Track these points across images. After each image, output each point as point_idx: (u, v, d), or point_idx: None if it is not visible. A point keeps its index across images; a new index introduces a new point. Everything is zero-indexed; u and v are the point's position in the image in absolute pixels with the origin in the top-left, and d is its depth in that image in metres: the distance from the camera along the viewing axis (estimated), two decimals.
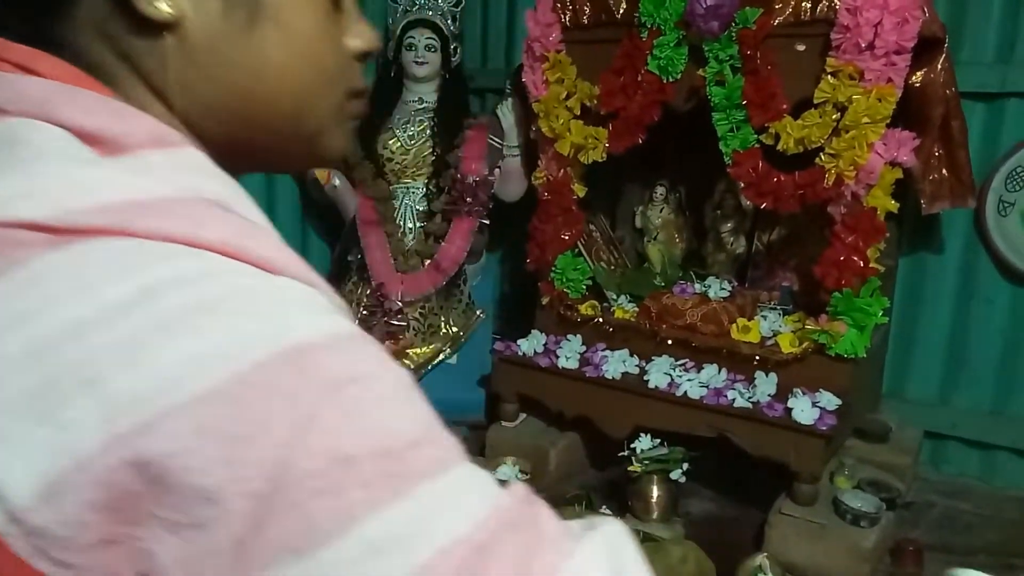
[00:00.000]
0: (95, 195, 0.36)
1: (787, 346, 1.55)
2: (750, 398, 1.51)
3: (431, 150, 2.01)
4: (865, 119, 1.40)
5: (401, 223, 2.03)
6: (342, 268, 2.05)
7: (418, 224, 2.04)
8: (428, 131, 2.01)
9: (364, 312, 1.95)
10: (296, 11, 0.44)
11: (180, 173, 0.40)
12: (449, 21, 2.03)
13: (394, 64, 2.04)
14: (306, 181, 2.11)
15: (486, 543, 0.33)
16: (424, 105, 2.04)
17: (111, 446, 0.32)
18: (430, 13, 2.00)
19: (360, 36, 0.49)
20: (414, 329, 1.99)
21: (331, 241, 2.25)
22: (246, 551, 0.31)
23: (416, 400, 0.36)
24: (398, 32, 2.01)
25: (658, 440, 1.59)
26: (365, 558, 0.32)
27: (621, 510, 1.61)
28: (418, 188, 2.04)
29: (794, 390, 1.49)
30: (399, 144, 2.02)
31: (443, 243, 1.99)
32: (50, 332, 0.33)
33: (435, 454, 0.35)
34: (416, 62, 1.99)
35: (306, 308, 0.36)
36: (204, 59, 0.43)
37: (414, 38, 1.98)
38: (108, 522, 0.32)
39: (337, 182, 2.06)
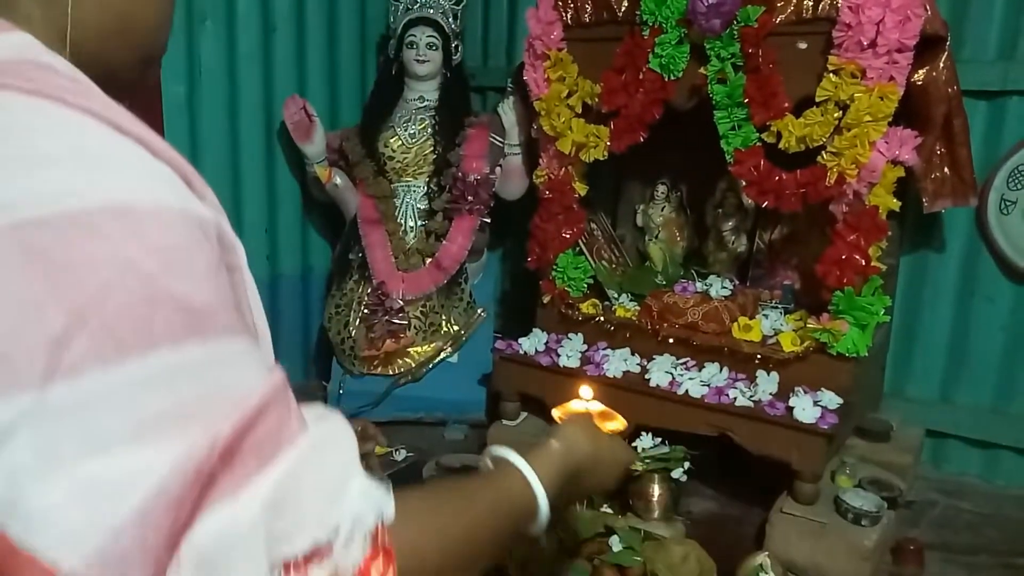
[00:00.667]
0: None
1: (788, 345, 1.55)
2: (751, 397, 1.51)
3: (432, 148, 2.01)
4: (867, 117, 1.40)
5: (402, 221, 2.03)
6: (343, 266, 2.05)
7: (419, 222, 2.04)
8: (429, 129, 2.01)
9: (365, 311, 1.95)
10: None
11: (20, 49, 0.48)
12: (451, 19, 2.02)
13: (395, 62, 2.04)
14: (307, 179, 2.11)
15: (262, 406, 0.44)
16: (425, 103, 2.04)
17: None
18: (431, 11, 2.00)
19: None
20: (415, 327, 1.98)
21: (332, 239, 2.25)
22: (54, 349, 0.38)
23: (221, 281, 0.45)
24: (399, 30, 2.00)
25: (659, 439, 1.59)
26: (162, 379, 0.40)
27: (623, 508, 1.61)
28: (419, 186, 2.04)
29: (795, 389, 1.49)
30: (400, 142, 2.01)
31: (444, 241, 1.99)
32: None
33: (227, 322, 0.44)
34: (417, 60, 1.99)
35: (143, 170, 0.44)
36: None
37: (415, 36, 1.98)
38: None
39: (339, 180, 2.05)
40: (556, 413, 0.95)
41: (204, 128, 1.95)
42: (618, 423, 1.06)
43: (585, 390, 1.01)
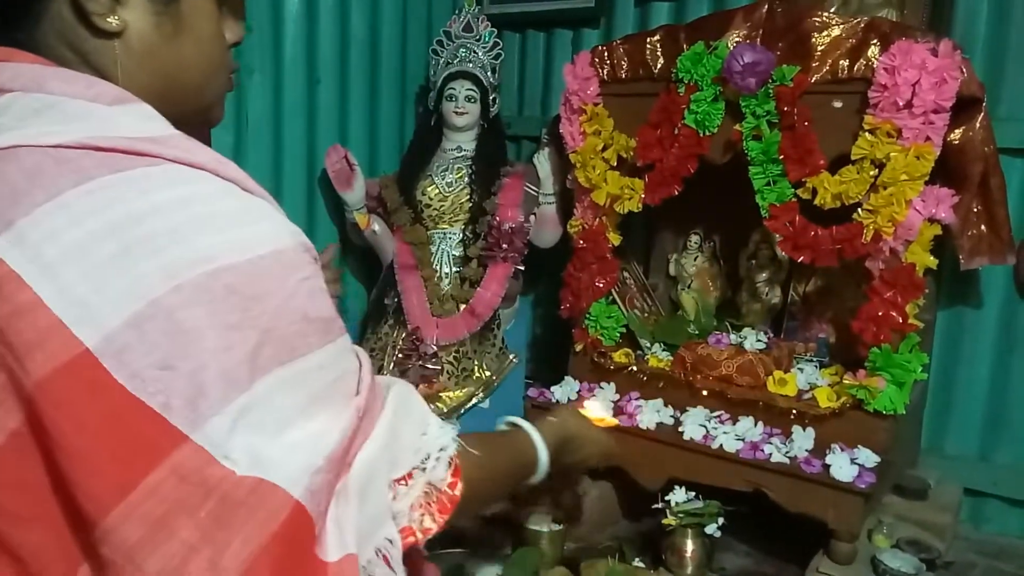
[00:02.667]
0: (122, 129, 0.56)
1: (825, 400, 1.54)
2: (787, 453, 1.50)
3: (468, 197, 2.04)
4: (903, 176, 1.41)
5: (438, 268, 2.06)
6: (379, 311, 2.08)
7: (454, 269, 2.07)
8: (466, 178, 2.05)
9: (400, 355, 1.98)
10: (204, 23, 0.65)
11: (152, 120, 0.60)
12: (489, 73, 2.08)
13: (434, 114, 2.10)
14: (346, 225, 2.16)
15: (369, 378, 0.65)
16: (463, 153, 2.08)
17: (169, 293, 0.51)
18: (470, 65, 2.05)
19: (232, 31, 0.70)
20: (448, 373, 2.00)
21: (368, 284, 2.29)
22: (252, 361, 0.53)
23: (329, 299, 0.61)
24: (439, 83, 2.06)
25: (693, 493, 1.58)
26: (317, 371, 0.58)
27: (655, 562, 1.60)
28: (455, 234, 2.08)
29: (832, 446, 1.48)
30: (437, 191, 2.06)
31: (478, 288, 2.02)
32: (122, 218, 0.51)
33: (339, 324, 0.61)
34: (456, 112, 2.04)
35: (277, 220, 0.58)
36: (141, 56, 0.62)
37: (455, 89, 2.04)
38: (165, 347, 0.50)
39: (377, 227, 2.10)
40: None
41: (250, 175, 2.00)
42: (608, 421, 1.30)
43: (593, 404, 1.29)
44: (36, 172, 0.52)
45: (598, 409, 1.25)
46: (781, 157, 1.54)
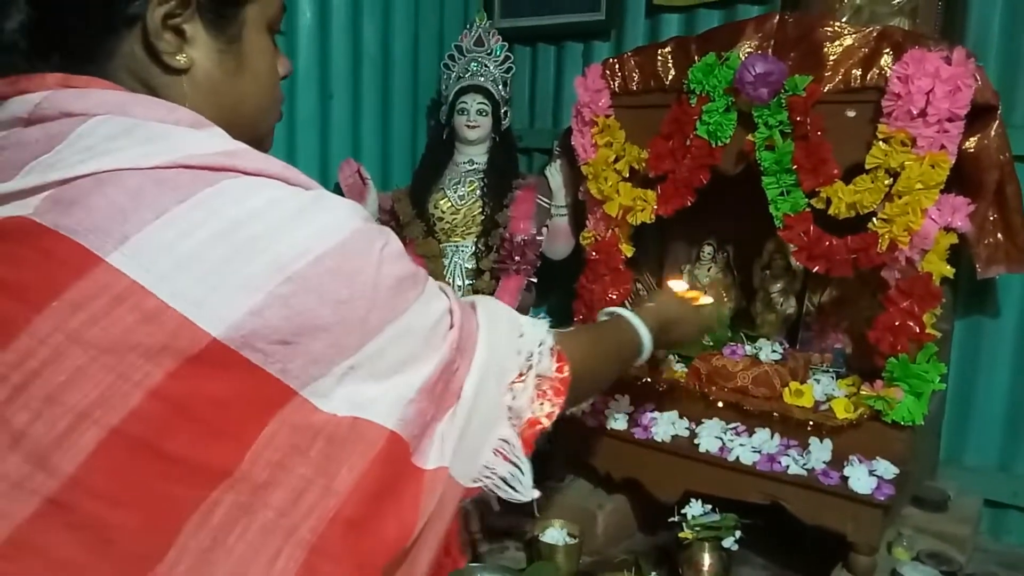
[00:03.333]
0: (204, 147, 0.61)
1: (842, 412, 1.53)
2: (804, 465, 1.49)
3: (480, 210, 2.05)
4: (918, 185, 1.40)
5: (451, 280, 2.07)
6: None
7: (467, 282, 2.08)
8: (478, 191, 2.05)
9: None
10: (261, 59, 0.71)
11: (225, 139, 0.64)
12: (500, 86, 2.09)
13: (446, 127, 2.11)
14: None
15: (458, 310, 0.74)
16: (475, 166, 2.09)
17: (281, 284, 0.58)
18: (482, 79, 2.06)
19: (283, 65, 0.77)
20: None
21: None
22: (362, 327, 0.62)
23: (408, 256, 0.68)
24: (451, 97, 2.07)
25: (709, 506, 1.57)
26: (418, 319, 0.67)
27: None
28: (467, 247, 2.08)
29: (850, 458, 1.46)
30: (450, 204, 2.06)
31: None
32: (225, 225, 0.58)
33: (422, 274, 0.70)
34: (468, 126, 2.05)
35: (343, 205, 0.64)
36: (206, 91, 0.68)
37: (466, 103, 2.05)
38: (285, 328, 0.58)
39: None
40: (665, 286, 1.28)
41: None
42: (706, 298, 1.37)
43: (676, 283, 1.34)
44: (139, 193, 0.57)
45: (682, 287, 1.37)
46: (794, 167, 1.54)
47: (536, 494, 0.78)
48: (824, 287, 1.86)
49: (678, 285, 1.30)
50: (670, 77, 1.71)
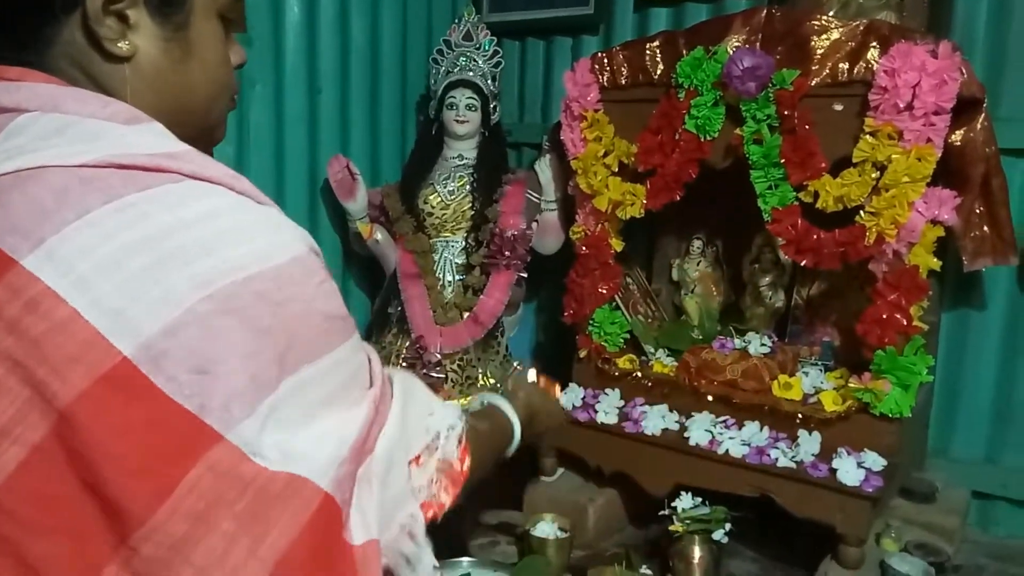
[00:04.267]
0: (140, 146, 0.57)
1: (830, 404, 1.54)
2: (793, 457, 1.50)
3: (470, 205, 2.05)
4: (905, 178, 1.41)
5: (441, 276, 2.06)
6: (382, 320, 2.08)
7: (457, 277, 2.07)
8: (467, 186, 2.05)
9: (403, 364, 1.97)
10: (210, 48, 0.67)
11: (165, 137, 0.61)
12: (489, 81, 2.08)
13: (435, 122, 2.10)
14: (348, 235, 2.16)
15: (379, 370, 0.71)
16: (464, 161, 2.09)
17: (202, 301, 0.53)
18: (471, 74, 2.06)
19: (236, 54, 0.73)
20: (452, 381, 2.00)
21: (372, 292, 2.29)
22: (280, 362, 0.56)
23: (341, 298, 0.64)
24: (439, 92, 2.06)
25: (699, 499, 1.58)
26: (337, 366, 0.62)
27: (662, 569, 1.59)
28: (457, 242, 2.08)
29: (839, 450, 1.47)
30: (439, 199, 2.06)
31: (482, 296, 2.02)
32: (153, 232, 0.53)
33: (351, 321, 0.65)
34: (457, 121, 2.04)
35: (290, 229, 0.61)
36: (150, 79, 0.64)
37: (455, 98, 2.04)
38: (200, 352, 0.53)
39: (379, 236, 2.10)
40: (510, 382, 1.24)
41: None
42: (557, 390, 1.36)
43: (531, 372, 1.32)
44: (63, 191, 0.53)
45: (534, 376, 1.36)
46: (782, 161, 1.54)
47: None
48: (812, 280, 1.87)
49: (532, 375, 1.30)
50: (659, 71, 1.71)
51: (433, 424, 0.76)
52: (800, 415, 1.55)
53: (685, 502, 1.57)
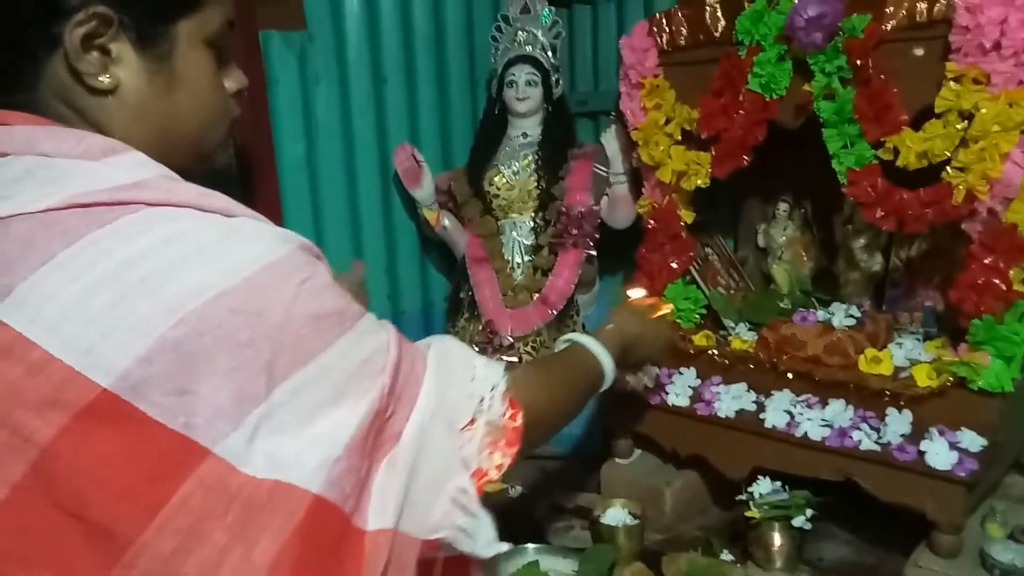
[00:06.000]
0: (105, 181, 0.58)
1: (923, 379, 1.40)
2: (878, 439, 1.38)
3: (536, 184, 2.00)
4: (995, 127, 1.24)
5: (509, 258, 2.04)
6: (455, 304, 2.09)
7: (526, 258, 2.04)
8: (532, 165, 2.01)
9: (476, 348, 1.98)
10: (198, 76, 0.68)
11: (140, 166, 0.61)
12: (549, 53, 2.02)
13: (498, 102, 2.06)
14: (419, 221, 2.18)
15: (398, 350, 0.68)
16: (528, 139, 2.04)
17: (173, 328, 0.54)
18: (529, 48, 2.00)
19: (233, 79, 0.73)
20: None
21: (450, 275, 2.31)
22: (268, 372, 0.57)
23: (338, 289, 0.64)
24: (499, 70, 2.02)
25: (779, 483, 1.49)
26: (339, 361, 0.62)
27: (743, 555, 1.52)
28: (525, 222, 2.05)
29: (930, 429, 1.35)
30: (504, 180, 2.03)
31: (550, 277, 1.98)
32: (113, 268, 0.55)
33: (352, 310, 0.64)
34: (518, 98, 2.00)
35: (264, 236, 0.61)
36: (136, 111, 0.65)
37: (515, 75, 1.99)
38: (179, 375, 0.54)
39: (447, 223, 2.10)
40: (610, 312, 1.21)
41: (324, 182, 2.06)
42: (666, 308, 1.32)
43: (635, 291, 1.31)
44: (27, 239, 0.55)
45: (641, 294, 1.33)
46: (857, 116, 1.40)
47: (500, 548, 0.71)
48: (912, 240, 1.71)
49: (637, 293, 1.22)
50: (720, 28, 1.60)
51: (476, 389, 0.75)
52: (889, 392, 1.43)
53: (763, 486, 1.49)
